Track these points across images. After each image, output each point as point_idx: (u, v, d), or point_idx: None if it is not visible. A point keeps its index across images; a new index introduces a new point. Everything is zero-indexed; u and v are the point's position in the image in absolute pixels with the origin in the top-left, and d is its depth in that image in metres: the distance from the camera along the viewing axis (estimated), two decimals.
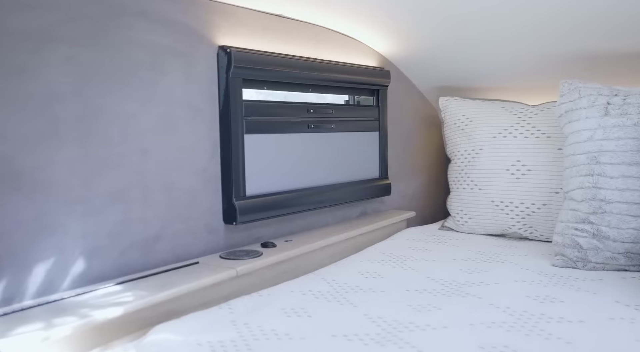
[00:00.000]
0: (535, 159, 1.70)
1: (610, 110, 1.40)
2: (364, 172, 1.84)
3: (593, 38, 1.62)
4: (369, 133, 1.86)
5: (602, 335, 0.94)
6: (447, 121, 1.97)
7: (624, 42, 1.61)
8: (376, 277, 1.33)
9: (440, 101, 2.01)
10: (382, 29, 1.75)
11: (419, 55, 1.93)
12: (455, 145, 1.92)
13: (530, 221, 1.70)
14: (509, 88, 2.10)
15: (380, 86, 1.88)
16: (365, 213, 1.92)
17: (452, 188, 1.92)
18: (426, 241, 1.71)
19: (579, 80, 1.51)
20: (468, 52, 1.85)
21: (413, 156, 2.16)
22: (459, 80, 2.09)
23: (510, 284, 1.25)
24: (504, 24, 1.61)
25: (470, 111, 1.90)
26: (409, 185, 2.14)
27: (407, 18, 1.64)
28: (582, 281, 1.26)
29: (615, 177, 1.34)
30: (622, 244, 1.31)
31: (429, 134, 2.24)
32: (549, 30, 1.62)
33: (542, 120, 1.74)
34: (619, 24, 1.52)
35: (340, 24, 1.69)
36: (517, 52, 1.80)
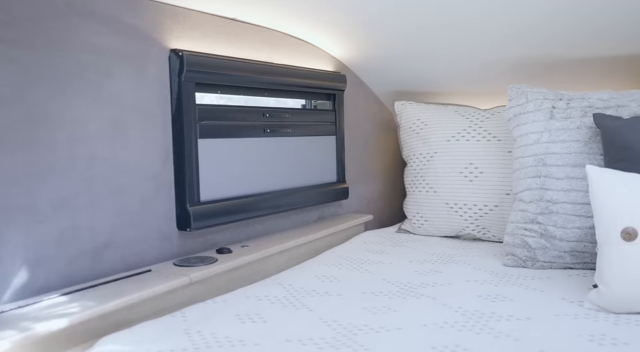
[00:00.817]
0: (487, 161, 1.75)
1: (555, 114, 1.46)
2: (321, 176, 1.84)
3: (541, 45, 1.68)
4: (326, 137, 1.87)
5: (547, 331, 0.97)
6: (402, 125, 2.00)
7: (569, 49, 1.68)
8: (333, 280, 1.33)
9: (395, 105, 2.04)
10: (338, 35, 1.76)
11: (374, 60, 1.96)
12: (410, 148, 1.96)
13: (483, 222, 1.74)
14: (463, 93, 2.15)
15: (336, 90, 1.89)
16: (323, 217, 1.92)
17: (408, 191, 1.95)
18: (383, 244, 1.73)
19: (527, 85, 1.56)
20: (423, 57, 1.89)
21: (370, 160, 2.18)
22: (414, 84, 2.13)
23: (463, 284, 1.27)
24: (458, 31, 1.65)
25: (425, 115, 1.94)
26: (366, 188, 2.16)
27: (363, 24, 1.66)
28: (531, 280, 1.30)
29: (560, 179, 1.40)
30: (568, 243, 1.36)
31: (385, 138, 2.27)
32: (499, 38, 1.67)
33: (493, 124, 1.79)
34: (562, 32, 1.58)
35: (296, 29, 1.69)
36: (470, 58, 1.84)
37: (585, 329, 0.97)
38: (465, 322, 1.03)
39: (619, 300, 1.03)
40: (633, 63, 1.71)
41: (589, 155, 1.39)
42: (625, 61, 1.70)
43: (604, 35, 1.57)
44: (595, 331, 0.95)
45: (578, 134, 1.41)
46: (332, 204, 1.95)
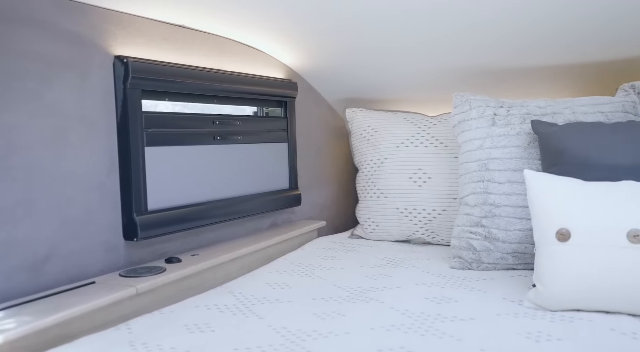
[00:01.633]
0: (435, 167, 1.80)
1: (496, 121, 1.52)
2: (273, 183, 1.84)
3: (484, 55, 1.75)
4: (277, 144, 1.87)
5: (489, 330, 1.01)
6: (353, 132, 2.03)
7: (509, 58, 1.75)
8: (284, 287, 1.33)
9: (347, 112, 2.07)
10: (288, 43, 1.77)
11: (326, 68, 1.98)
12: (362, 155, 1.99)
13: (432, 226, 1.79)
14: (411, 100, 2.21)
15: (287, 98, 1.90)
16: (276, 224, 1.92)
17: (360, 197, 1.98)
18: (336, 250, 1.74)
19: (470, 93, 1.61)
20: (373, 66, 1.93)
21: (323, 166, 2.20)
22: (365, 92, 2.17)
23: (411, 287, 1.30)
24: (406, 41, 1.70)
25: (375, 122, 1.97)
26: (319, 195, 2.17)
27: (313, 33, 1.68)
28: (476, 281, 1.34)
29: (502, 183, 1.45)
30: (510, 244, 1.41)
31: (338, 145, 2.30)
32: (446, 48, 1.72)
33: (440, 131, 1.84)
34: (503, 43, 1.65)
35: (246, 36, 1.70)
36: (418, 67, 1.90)
37: (523, 326, 1.01)
38: (411, 325, 1.05)
39: (555, 298, 1.08)
40: (568, 72, 1.80)
41: (528, 160, 1.45)
42: (560, 71, 1.80)
43: (540, 46, 1.65)
44: (533, 329, 0.99)
45: (518, 139, 1.47)
46: (284, 211, 1.96)
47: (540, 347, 0.91)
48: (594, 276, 1.04)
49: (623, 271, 1.01)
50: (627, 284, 1.00)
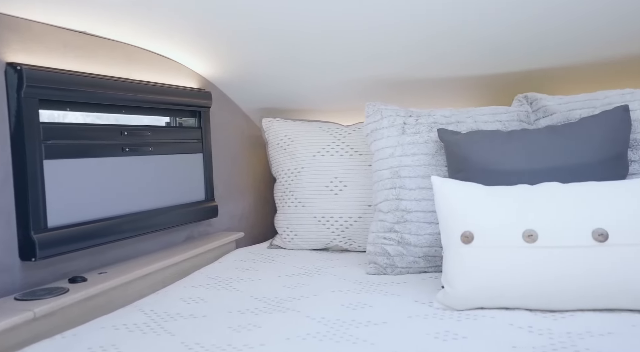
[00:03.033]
0: (351, 175, 1.84)
1: (406, 130, 1.58)
2: (188, 195, 1.79)
3: (393, 66, 1.81)
4: (192, 155, 1.82)
5: (401, 332, 1.04)
6: (270, 141, 2.03)
7: (416, 70, 1.83)
8: (199, 302, 1.29)
9: (263, 122, 2.06)
10: (200, 51, 1.74)
11: (240, 78, 1.97)
12: (279, 164, 1.99)
13: (349, 233, 1.82)
14: (327, 109, 2.24)
15: (202, 108, 1.86)
16: (191, 237, 1.87)
17: (278, 207, 1.97)
18: (254, 261, 1.73)
19: (381, 103, 1.67)
20: (288, 76, 1.94)
21: (240, 177, 2.18)
22: (281, 102, 2.17)
23: (328, 295, 1.31)
24: (321, 52, 1.72)
25: (292, 131, 1.98)
26: (237, 206, 2.14)
27: (226, 42, 1.67)
28: (390, 285, 1.38)
29: (413, 189, 1.51)
30: (421, 248, 1.47)
31: (255, 154, 2.28)
32: (359, 59, 1.77)
33: (354, 140, 1.89)
34: (409, 56, 1.73)
35: (154, 44, 1.64)
36: (333, 78, 1.93)
37: (432, 327, 1.05)
38: (326, 332, 1.06)
39: (461, 298, 1.13)
40: (470, 84, 1.92)
41: (436, 166, 1.52)
42: (464, 82, 1.91)
43: (445, 59, 1.75)
44: (441, 328, 1.04)
45: (426, 147, 1.54)
46: (201, 223, 1.91)
47: (447, 346, 0.95)
48: (495, 275, 1.10)
49: (520, 269, 1.08)
50: (524, 282, 1.07)
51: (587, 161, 1.27)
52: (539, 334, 0.96)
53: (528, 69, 1.78)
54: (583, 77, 1.83)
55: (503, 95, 1.92)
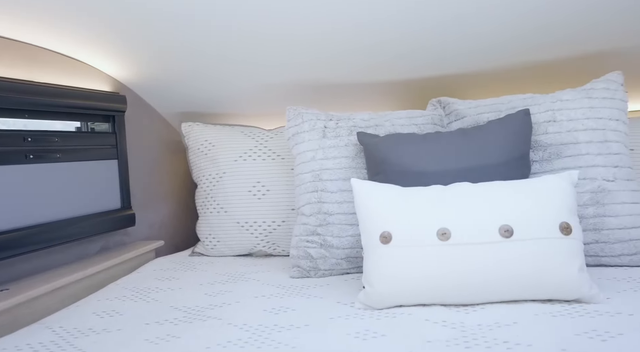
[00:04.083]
0: (273, 179, 1.83)
1: (327, 133, 1.60)
2: (102, 204, 1.70)
3: (313, 71, 1.83)
4: (106, 161, 1.74)
5: (322, 334, 1.04)
6: (191, 146, 1.98)
7: (336, 75, 1.86)
8: (114, 315, 1.23)
9: (182, 127, 2.01)
10: (112, 54, 1.66)
11: (158, 81, 1.90)
12: (200, 170, 1.94)
13: (273, 238, 1.81)
14: (249, 114, 2.22)
15: (115, 112, 1.78)
16: (107, 248, 1.78)
17: (200, 213, 1.93)
18: (175, 270, 1.67)
19: (302, 107, 1.68)
20: (208, 79, 1.90)
21: (160, 183, 2.10)
22: (201, 105, 2.13)
23: (250, 301, 1.30)
24: (241, 56, 1.70)
25: (212, 136, 1.95)
26: (156, 213, 2.07)
27: (140, 43, 1.60)
28: (313, 288, 1.39)
29: (334, 192, 1.53)
30: (344, 250, 1.49)
31: (175, 160, 2.22)
32: (278, 63, 1.77)
33: (276, 144, 1.89)
34: (329, 60, 1.76)
35: (60, 45, 1.55)
36: (254, 81, 1.92)
37: (353, 327, 1.06)
38: (248, 339, 1.04)
39: (380, 297, 1.16)
40: (388, 88, 1.98)
41: (356, 169, 1.55)
42: (381, 86, 1.96)
43: (363, 65, 1.79)
44: (361, 328, 1.05)
45: (346, 150, 1.56)
46: (117, 233, 1.82)
47: (367, 345, 0.97)
48: (412, 273, 1.13)
49: (435, 266, 1.12)
50: (438, 278, 1.12)
51: (494, 162, 1.35)
52: (452, 327, 1.00)
53: (442, 74, 1.87)
54: (491, 83, 1.94)
55: (419, 100, 2.00)
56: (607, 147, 1.40)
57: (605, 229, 1.34)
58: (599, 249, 1.35)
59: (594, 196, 1.37)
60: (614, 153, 1.40)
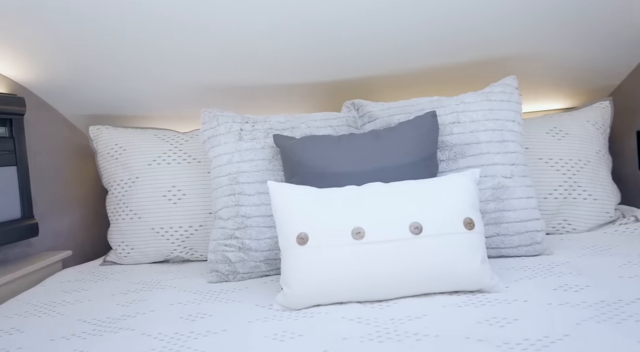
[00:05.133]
0: (189, 183, 1.79)
1: (243, 136, 1.59)
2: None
3: (230, 73, 1.81)
4: (3, 168, 1.61)
5: (240, 338, 1.03)
6: (100, 151, 1.88)
7: (253, 77, 1.86)
8: (13, 333, 1.15)
9: (90, 130, 1.91)
10: (9, 53, 1.55)
11: (61, 83, 1.79)
12: (110, 175, 1.86)
13: (190, 243, 1.77)
14: (163, 116, 2.16)
15: (13, 115, 1.65)
16: (6, 261, 1.65)
17: (111, 220, 1.84)
18: (84, 281, 1.58)
19: (218, 110, 1.66)
20: (118, 80, 1.82)
21: (66, 190, 1.98)
22: (110, 108, 2.03)
23: (166, 309, 1.26)
24: (153, 56, 1.65)
25: (124, 140, 1.87)
26: (62, 222, 1.95)
27: (41, 41, 1.50)
28: (232, 292, 1.37)
29: (252, 195, 1.52)
30: (262, 253, 1.49)
31: (83, 165, 2.10)
32: (193, 64, 1.73)
33: (192, 147, 1.84)
34: (244, 62, 1.75)
35: None
36: (167, 83, 1.86)
37: (271, 329, 1.07)
38: (162, 348, 1.01)
39: (298, 298, 1.17)
40: (304, 90, 2.00)
41: (273, 171, 1.55)
42: (298, 89, 1.98)
43: (278, 66, 1.80)
44: (279, 329, 1.06)
45: (263, 153, 1.56)
46: (17, 244, 1.69)
47: (284, 346, 0.98)
48: (328, 273, 1.16)
49: (350, 265, 1.15)
50: (354, 276, 1.15)
51: (404, 162, 1.41)
52: (367, 323, 1.04)
53: (357, 76, 1.92)
54: (403, 85, 2.02)
55: (335, 102, 2.05)
56: (505, 146, 1.51)
57: (504, 223, 1.45)
58: (499, 241, 1.45)
59: (494, 192, 1.47)
60: (511, 152, 1.51)
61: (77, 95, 1.90)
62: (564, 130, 1.83)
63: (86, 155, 2.11)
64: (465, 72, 1.93)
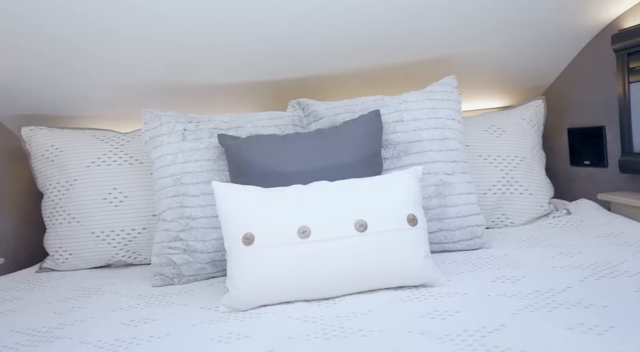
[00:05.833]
0: (131, 185, 1.73)
1: (186, 136, 1.55)
2: None
3: (172, 72, 1.77)
4: None
5: (184, 342, 1.01)
6: (34, 153, 1.79)
7: (196, 76, 1.82)
8: None
9: (23, 131, 1.82)
10: None
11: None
12: (46, 178, 1.77)
13: (133, 246, 1.72)
14: (103, 116, 2.08)
15: None
16: None
17: (48, 225, 1.76)
18: (17, 289, 1.51)
19: (160, 109, 1.61)
20: (51, 78, 1.74)
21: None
22: (44, 108, 1.94)
23: (106, 315, 1.22)
24: (89, 54, 1.58)
25: (60, 141, 1.79)
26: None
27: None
28: (177, 296, 1.34)
29: (197, 196, 1.49)
30: (208, 254, 1.46)
31: (15, 168, 1.99)
32: (134, 63, 1.68)
33: (134, 148, 1.79)
34: (187, 61, 1.71)
35: None
36: (107, 82, 1.80)
37: (216, 331, 1.05)
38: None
39: (244, 298, 1.16)
40: (248, 89, 1.99)
41: (218, 172, 1.53)
42: (242, 88, 1.97)
43: (222, 66, 1.78)
44: (225, 331, 1.05)
45: (207, 153, 1.54)
46: None
47: (230, 348, 0.96)
48: (275, 273, 1.15)
49: (296, 264, 1.15)
50: (300, 275, 1.15)
51: (349, 160, 1.43)
52: (313, 322, 1.04)
53: (302, 75, 1.92)
54: (348, 84, 2.05)
55: (280, 101, 2.04)
56: (446, 144, 1.56)
57: (446, 218, 1.49)
58: (442, 236, 1.50)
59: (437, 189, 1.51)
60: (452, 149, 1.56)
61: (7, 94, 1.80)
62: (501, 128, 1.90)
63: (18, 157, 2.00)
64: (409, 72, 1.98)
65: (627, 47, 1.67)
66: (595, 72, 1.91)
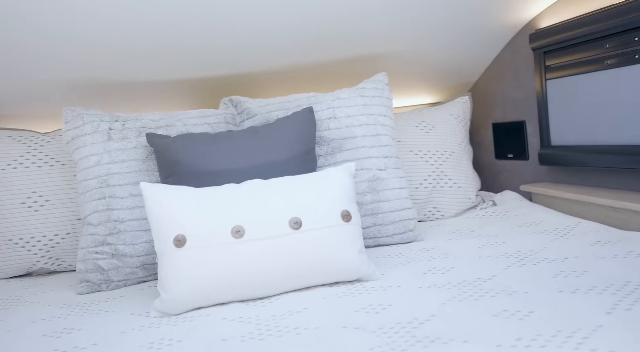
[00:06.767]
0: (53, 188, 1.64)
1: (112, 135, 1.49)
2: None
3: (95, 68, 1.68)
4: None
5: (110, 351, 0.97)
6: None
7: (123, 74, 1.74)
8: None
9: None
10: None
11: None
12: None
13: (56, 253, 1.62)
14: (20, 115, 1.95)
15: None
16: None
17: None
18: None
19: (82, 108, 1.53)
20: None
21: None
22: None
23: (26, 328, 1.14)
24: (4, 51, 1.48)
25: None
26: None
27: None
28: (105, 303, 1.28)
29: (125, 197, 1.43)
30: (138, 258, 1.41)
31: None
32: (55, 59, 1.58)
33: (55, 148, 1.69)
34: (115, 58, 1.63)
35: None
36: (25, 79, 1.68)
37: (147, 338, 1.01)
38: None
39: (177, 302, 1.12)
40: (178, 87, 1.93)
41: (147, 172, 1.47)
42: (171, 85, 1.90)
43: (150, 64, 1.71)
44: (156, 337, 1.01)
45: (135, 153, 1.48)
46: None
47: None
48: (209, 274, 1.13)
49: (231, 264, 1.13)
50: (235, 276, 1.13)
51: (283, 158, 1.42)
52: (248, 322, 1.03)
53: (234, 73, 1.89)
54: (281, 81, 2.03)
55: (212, 99, 2.00)
56: (379, 140, 1.59)
57: (380, 213, 1.52)
58: (376, 231, 1.52)
59: (370, 184, 1.54)
60: (384, 145, 1.59)
61: None
62: (431, 123, 1.96)
63: None
64: (341, 69, 1.99)
65: (543, 46, 1.76)
66: (515, 69, 2.01)
